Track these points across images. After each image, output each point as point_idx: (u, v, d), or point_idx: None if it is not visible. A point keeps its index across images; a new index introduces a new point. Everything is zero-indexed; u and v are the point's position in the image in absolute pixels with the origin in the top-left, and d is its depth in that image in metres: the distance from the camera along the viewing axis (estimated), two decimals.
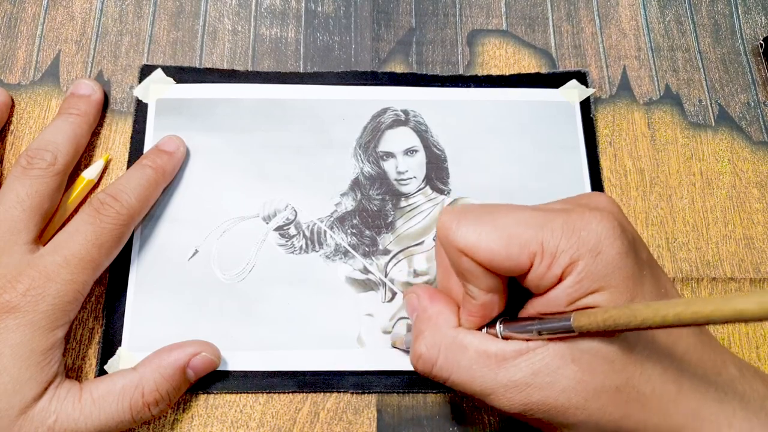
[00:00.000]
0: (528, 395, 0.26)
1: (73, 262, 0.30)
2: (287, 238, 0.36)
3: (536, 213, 0.26)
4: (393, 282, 0.35)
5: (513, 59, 0.41)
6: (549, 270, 0.25)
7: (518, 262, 0.25)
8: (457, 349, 0.27)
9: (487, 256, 0.25)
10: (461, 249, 0.26)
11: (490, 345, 0.26)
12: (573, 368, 0.25)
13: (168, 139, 0.36)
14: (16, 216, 0.31)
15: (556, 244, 0.25)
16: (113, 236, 0.31)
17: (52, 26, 0.40)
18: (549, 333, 0.25)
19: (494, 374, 0.26)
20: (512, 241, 0.25)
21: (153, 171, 0.34)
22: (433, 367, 0.27)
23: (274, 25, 0.41)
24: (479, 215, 0.26)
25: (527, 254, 0.25)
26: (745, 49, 0.42)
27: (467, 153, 0.38)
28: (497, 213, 0.26)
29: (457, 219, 0.26)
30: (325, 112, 0.38)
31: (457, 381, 0.27)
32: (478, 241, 0.25)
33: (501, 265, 0.25)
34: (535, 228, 0.25)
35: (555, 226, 0.25)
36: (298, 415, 0.33)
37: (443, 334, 0.27)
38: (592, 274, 0.24)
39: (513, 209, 0.26)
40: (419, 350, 0.28)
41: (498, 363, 0.26)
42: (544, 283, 0.25)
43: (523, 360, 0.26)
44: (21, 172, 0.32)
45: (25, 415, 0.28)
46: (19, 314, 0.28)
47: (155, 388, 0.30)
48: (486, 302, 0.27)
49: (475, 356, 0.26)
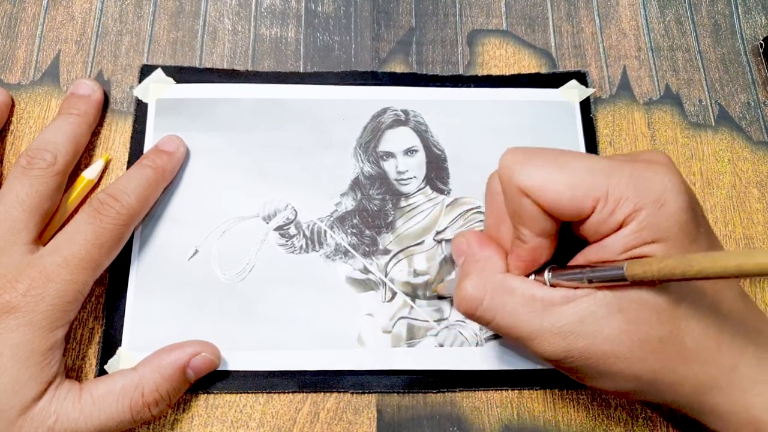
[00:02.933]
0: (572, 342, 0.26)
1: (73, 262, 0.30)
2: (287, 237, 0.36)
3: (603, 161, 0.26)
4: (393, 282, 0.35)
5: (513, 59, 0.41)
6: (611, 216, 0.25)
7: (581, 207, 0.25)
8: (504, 291, 0.27)
9: (551, 198, 0.26)
10: (525, 189, 0.26)
11: (537, 291, 0.27)
12: (619, 318, 0.26)
13: (168, 139, 0.36)
14: (16, 216, 0.31)
15: (622, 191, 0.25)
16: (113, 236, 0.31)
17: (52, 26, 0.40)
18: (599, 281, 0.26)
19: (540, 319, 0.26)
20: (578, 184, 0.25)
21: (153, 171, 0.34)
22: (478, 307, 0.27)
23: (274, 25, 0.41)
24: (546, 157, 0.27)
25: (591, 199, 0.25)
26: (745, 49, 0.42)
27: (467, 153, 0.38)
28: (564, 157, 0.27)
29: (522, 159, 0.26)
30: (325, 112, 0.38)
31: (501, 323, 0.27)
32: (544, 182, 0.26)
33: (563, 208, 0.26)
34: (602, 174, 0.26)
35: (623, 174, 0.25)
36: (298, 415, 0.33)
37: (491, 276, 0.28)
38: (653, 224, 0.25)
39: (580, 155, 0.27)
40: (466, 290, 0.28)
41: (544, 308, 0.27)
42: (603, 229, 0.26)
43: (569, 307, 0.26)
44: (21, 172, 0.32)
45: (25, 415, 0.28)
46: (19, 314, 0.28)
47: (155, 388, 0.30)
48: (537, 246, 0.27)
49: (522, 300, 0.27)
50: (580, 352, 0.26)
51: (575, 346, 0.26)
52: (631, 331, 0.26)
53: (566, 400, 0.33)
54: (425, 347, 0.34)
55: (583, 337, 0.26)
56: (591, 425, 0.33)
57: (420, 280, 0.35)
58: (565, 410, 0.33)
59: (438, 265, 0.35)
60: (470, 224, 0.36)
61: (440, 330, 0.34)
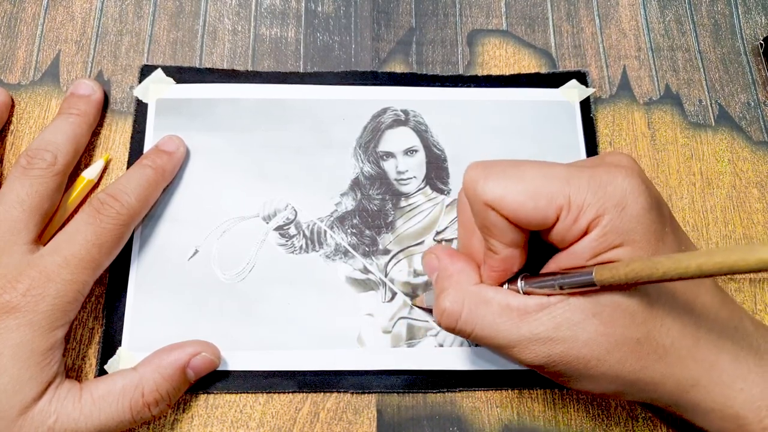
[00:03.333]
0: (550, 348, 0.26)
1: (73, 262, 0.30)
2: (287, 237, 0.36)
3: (563, 168, 0.26)
4: (393, 282, 0.35)
5: (513, 59, 0.41)
6: (575, 223, 0.25)
7: (545, 216, 0.26)
8: (481, 303, 0.27)
9: (514, 209, 0.26)
10: (488, 202, 0.26)
11: (512, 299, 0.27)
12: (594, 322, 0.26)
13: (168, 139, 0.36)
14: (16, 216, 0.31)
15: (583, 198, 0.25)
16: (113, 236, 0.31)
17: (52, 26, 0.40)
18: (570, 287, 0.26)
19: (517, 328, 0.27)
20: (539, 194, 0.26)
21: (153, 171, 0.34)
22: (457, 321, 0.28)
23: (274, 25, 0.41)
24: (506, 169, 0.27)
25: (554, 208, 0.25)
26: (745, 49, 0.42)
27: (467, 153, 0.38)
28: (524, 167, 0.27)
29: (484, 173, 0.27)
30: (325, 112, 0.38)
31: (480, 335, 0.27)
32: (505, 194, 0.26)
33: (527, 218, 0.26)
34: (562, 182, 0.26)
35: (582, 180, 0.26)
36: (298, 415, 0.33)
37: (466, 289, 0.28)
38: (617, 228, 0.25)
39: (539, 164, 0.27)
40: (443, 305, 0.28)
41: (520, 317, 0.27)
42: (569, 236, 0.26)
43: (544, 314, 0.26)
44: (21, 172, 0.32)
45: (25, 415, 0.28)
46: (19, 314, 0.28)
47: (155, 388, 0.30)
48: (508, 257, 0.27)
49: (498, 310, 0.27)
50: (560, 357, 0.26)
51: (554, 351, 0.26)
52: (607, 333, 0.26)
53: (566, 400, 0.33)
54: (425, 347, 0.34)
55: (561, 343, 0.26)
56: (591, 425, 0.33)
57: (420, 280, 0.35)
58: (565, 410, 0.33)
59: None
60: None
61: (440, 330, 0.34)
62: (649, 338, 0.26)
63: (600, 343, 0.26)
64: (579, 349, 0.26)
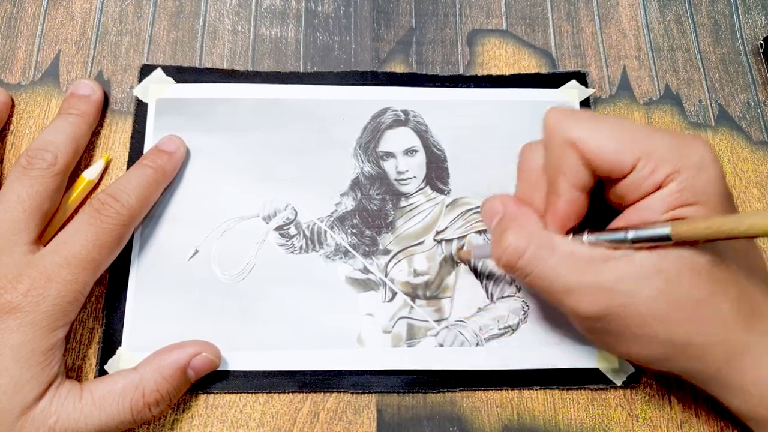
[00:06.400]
0: (610, 299, 0.27)
1: (73, 262, 0.30)
2: (287, 237, 0.36)
3: (646, 126, 0.28)
4: (393, 282, 0.35)
5: (513, 59, 0.41)
6: (651, 175, 0.26)
7: (623, 161, 0.27)
8: (545, 246, 0.28)
9: (596, 150, 0.27)
10: (573, 139, 0.27)
11: (577, 248, 0.28)
12: (658, 279, 0.26)
13: (168, 139, 0.36)
14: (17, 216, 0.31)
15: (663, 152, 0.26)
16: (114, 236, 0.31)
17: (52, 26, 0.40)
18: (642, 241, 0.26)
19: (579, 274, 0.27)
20: (622, 139, 0.27)
21: (153, 171, 0.34)
22: (519, 259, 0.28)
23: (274, 25, 0.41)
24: (591, 115, 0.28)
25: (633, 156, 0.26)
26: (745, 49, 0.42)
27: (467, 153, 0.38)
28: (608, 117, 0.29)
29: (572, 114, 0.28)
30: (325, 112, 0.38)
31: (540, 276, 0.28)
32: (590, 135, 0.27)
33: (606, 161, 0.27)
34: (644, 134, 0.27)
35: (663, 138, 0.27)
36: (298, 415, 0.33)
37: (532, 230, 0.28)
38: (693, 186, 0.26)
39: (621, 118, 0.29)
40: (507, 241, 0.28)
41: (585, 264, 0.27)
42: (642, 188, 0.27)
43: (609, 265, 0.27)
44: (21, 173, 0.32)
45: (26, 415, 0.28)
46: (20, 314, 0.28)
47: (156, 389, 0.30)
48: (573, 200, 0.28)
49: (562, 255, 0.28)
50: (617, 310, 0.27)
51: (613, 303, 0.27)
52: (669, 292, 0.26)
53: (566, 400, 0.33)
54: (425, 347, 0.34)
55: (622, 296, 0.26)
56: (591, 425, 0.33)
57: (420, 280, 0.35)
58: (565, 410, 0.33)
59: (438, 265, 0.35)
60: (470, 224, 0.36)
61: (440, 330, 0.34)
62: (709, 300, 0.26)
63: (660, 301, 0.26)
64: (638, 305, 0.26)
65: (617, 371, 0.33)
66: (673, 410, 0.33)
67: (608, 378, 0.33)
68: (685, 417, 0.33)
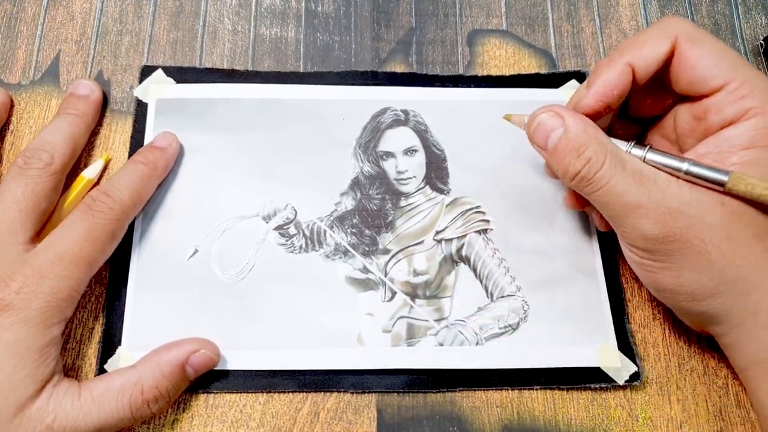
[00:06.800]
0: (675, 220, 0.27)
1: (66, 258, 0.30)
2: (287, 237, 0.36)
3: (746, 61, 0.30)
4: (393, 281, 0.35)
5: (513, 59, 0.41)
6: (738, 101, 0.28)
7: (715, 76, 0.28)
8: (618, 160, 0.28)
9: (696, 56, 0.28)
10: (679, 34, 0.29)
11: (644, 167, 0.29)
12: (722, 209, 0.27)
13: (161, 135, 0.36)
14: (13, 216, 0.31)
15: (757, 85, 0.27)
16: (106, 231, 0.31)
17: (52, 26, 0.40)
18: (697, 177, 0.27)
19: (648, 191, 0.28)
20: (724, 58, 0.28)
21: (145, 167, 0.34)
22: (597, 171, 0.28)
23: (274, 25, 0.41)
24: (706, 32, 0.30)
25: (727, 75, 0.28)
26: (745, 49, 0.42)
27: (467, 153, 0.38)
28: (717, 40, 0.30)
29: (690, 23, 0.30)
30: (325, 111, 0.38)
31: (612, 190, 0.28)
32: (698, 39, 0.29)
33: (700, 68, 0.28)
34: (744, 65, 0.28)
35: (759, 77, 0.28)
36: (298, 415, 0.33)
37: (606, 144, 0.29)
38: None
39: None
40: (588, 155, 0.29)
41: (651, 184, 0.28)
42: (724, 112, 0.28)
43: (675, 188, 0.28)
44: (18, 172, 0.32)
45: (22, 414, 0.28)
46: (12, 312, 0.28)
47: (155, 386, 0.30)
48: (621, 73, 0.29)
49: (632, 171, 0.28)
50: (680, 232, 0.27)
51: (677, 224, 0.27)
52: (732, 222, 0.27)
53: (566, 400, 0.33)
54: (425, 347, 0.34)
55: (686, 218, 0.27)
56: (591, 425, 0.33)
57: (420, 279, 0.35)
58: (565, 410, 0.33)
59: (438, 265, 0.35)
60: (470, 224, 0.36)
61: (440, 329, 0.34)
62: (766, 235, 0.27)
63: (722, 229, 0.27)
64: (701, 230, 0.27)
65: (618, 370, 0.33)
66: (673, 410, 0.33)
67: (610, 377, 0.33)
68: (685, 417, 0.33)
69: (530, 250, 0.36)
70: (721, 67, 0.28)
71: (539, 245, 0.36)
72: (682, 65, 0.29)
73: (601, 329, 0.34)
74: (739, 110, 0.27)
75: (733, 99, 0.28)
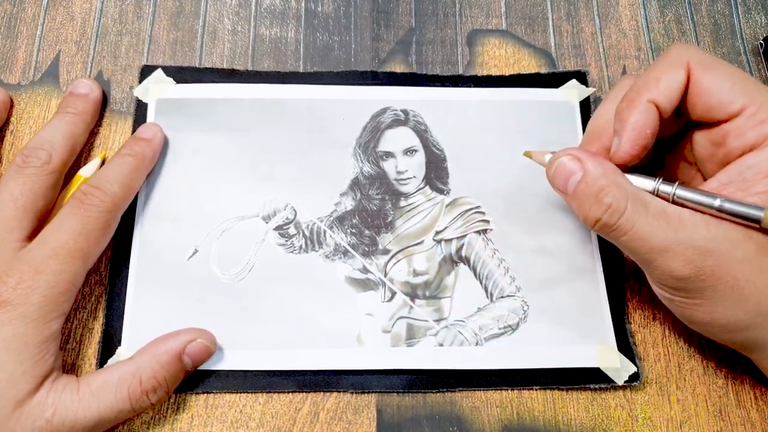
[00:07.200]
0: (704, 259, 0.27)
1: (61, 252, 0.30)
2: (287, 237, 0.36)
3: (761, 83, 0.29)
4: (392, 282, 0.35)
5: (513, 59, 0.41)
6: (759, 125, 0.27)
7: (733, 101, 0.27)
8: (640, 203, 0.28)
9: (711, 80, 0.28)
10: (691, 62, 0.28)
11: (667, 206, 0.28)
12: (751, 243, 0.27)
13: (144, 127, 0.36)
14: (9, 214, 0.31)
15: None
16: (99, 224, 0.32)
17: (52, 26, 0.40)
18: (730, 214, 0.27)
19: (675, 232, 0.27)
20: (739, 82, 0.28)
21: (133, 158, 0.34)
22: (620, 218, 0.28)
23: (274, 25, 0.41)
24: (715, 57, 0.30)
25: (745, 99, 0.27)
26: (745, 49, 0.42)
27: (467, 153, 0.38)
28: (729, 64, 0.29)
29: (700, 50, 0.29)
30: (325, 111, 0.38)
31: (636, 235, 0.28)
32: (711, 65, 0.28)
33: (716, 94, 0.28)
34: (761, 87, 0.28)
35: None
36: (298, 415, 0.33)
37: (627, 187, 0.28)
38: None
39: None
40: (607, 201, 0.28)
41: (677, 223, 0.27)
42: (746, 136, 0.27)
43: (702, 225, 0.27)
44: (16, 171, 0.32)
45: (21, 408, 0.28)
46: (10, 308, 0.28)
47: (152, 375, 0.30)
48: (648, 114, 0.28)
49: (655, 213, 0.28)
50: (711, 270, 0.27)
51: (707, 263, 0.27)
52: (762, 254, 0.27)
53: (566, 400, 0.33)
54: (425, 347, 0.34)
55: (715, 256, 0.27)
56: (591, 425, 0.33)
57: (419, 279, 0.35)
58: (565, 410, 0.33)
59: (437, 265, 0.35)
60: (470, 224, 0.36)
61: (440, 330, 0.34)
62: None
63: (754, 264, 0.27)
64: (731, 266, 0.27)
65: (618, 370, 0.33)
66: (673, 410, 0.33)
67: (609, 377, 0.33)
68: (685, 417, 0.33)
69: (530, 251, 0.36)
70: (737, 91, 0.28)
71: (539, 245, 0.36)
72: (697, 92, 0.29)
73: (600, 329, 0.34)
74: (760, 135, 0.27)
75: (752, 124, 0.27)
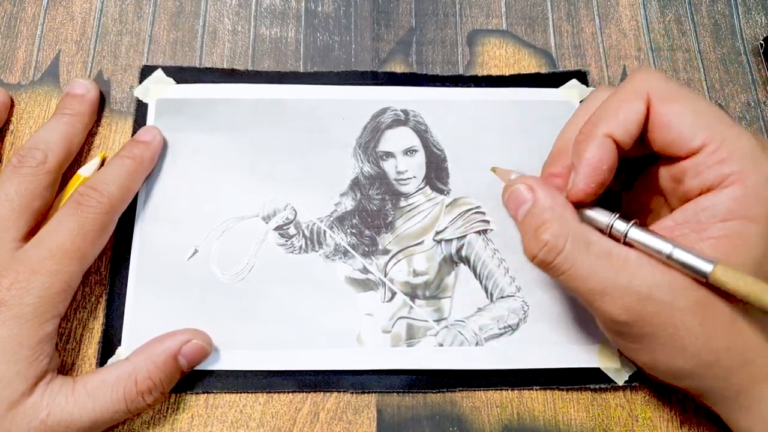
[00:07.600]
0: (644, 306, 0.26)
1: (58, 253, 0.30)
2: (287, 237, 0.36)
3: (730, 117, 0.27)
4: (392, 282, 0.35)
5: (513, 59, 0.41)
6: (717, 165, 0.25)
7: (694, 136, 0.26)
8: (582, 242, 0.27)
9: (671, 111, 0.26)
10: (651, 93, 0.27)
11: (614, 248, 0.27)
12: (695, 292, 0.26)
13: (144, 129, 0.36)
14: (5, 214, 0.31)
15: (737, 148, 0.25)
16: (96, 225, 0.31)
17: (52, 26, 0.40)
18: (679, 264, 0.25)
19: (615, 275, 0.26)
20: (704, 114, 0.26)
21: (131, 161, 0.34)
22: (557, 256, 0.27)
23: (274, 25, 0.41)
24: (681, 85, 0.28)
25: (706, 136, 0.26)
26: (745, 49, 0.42)
27: (467, 153, 0.38)
28: (696, 94, 0.28)
29: (662, 74, 0.28)
30: (324, 111, 0.38)
31: (575, 275, 0.27)
32: (675, 96, 0.26)
33: (676, 128, 0.26)
34: (727, 124, 0.26)
35: (742, 136, 0.26)
36: (298, 415, 0.33)
37: (569, 225, 0.27)
38: (759, 196, 0.25)
39: (710, 102, 0.28)
40: (544, 238, 0.27)
41: (620, 266, 0.26)
42: (703, 176, 0.26)
43: (647, 270, 0.26)
44: (12, 171, 0.32)
45: (15, 410, 0.28)
46: (4, 308, 0.28)
47: (148, 376, 0.30)
48: (605, 149, 0.27)
49: (598, 253, 0.27)
50: (650, 317, 0.26)
51: (646, 310, 0.26)
52: (705, 306, 0.26)
53: (566, 400, 0.33)
54: (425, 347, 0.34)
55: (656, 303, 0.26)
56: (591, 425, 0.33)
57: (419, 280, 0.35)
58: (565, 410, 0.33)
59: (437, 265, 0.35)
60: (470, 224, 0.36)
61: (440, 330, 0.34)
62: (743, 320, 0.26)
63: (695, 313, 0.25)
64: (672, 315, 0.25)
65: (619, 370, 0.33)
66: (673, 410, 0.33)
67: (609, 377, 0.33)
68: (685, 417, 0.33)
69: None
70: (699, 127, 0.26)
71: None
72: (657, 125, 0.27)
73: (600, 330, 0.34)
74: (717, 176, 0.25)
75: (711, 162, 0.26)
